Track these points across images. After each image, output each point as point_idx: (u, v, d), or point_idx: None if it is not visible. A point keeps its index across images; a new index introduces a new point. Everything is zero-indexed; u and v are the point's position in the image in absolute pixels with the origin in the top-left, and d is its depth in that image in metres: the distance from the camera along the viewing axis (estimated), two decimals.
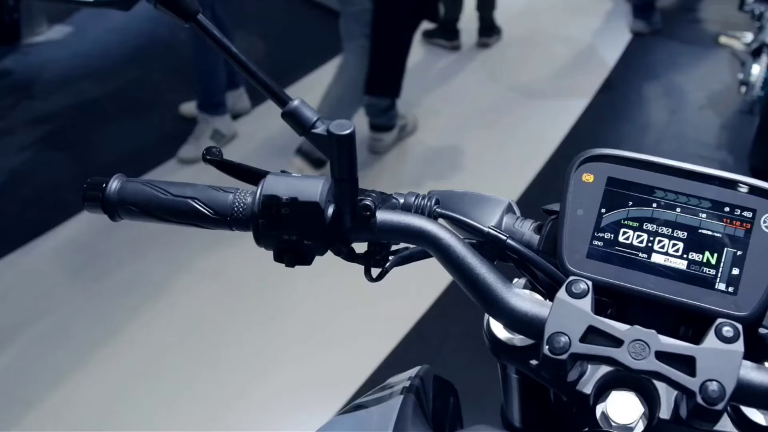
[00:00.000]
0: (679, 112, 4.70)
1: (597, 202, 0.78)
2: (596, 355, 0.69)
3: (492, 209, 0.90)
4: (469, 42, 5.40)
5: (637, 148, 3.22)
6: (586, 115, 4.59)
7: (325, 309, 3.00)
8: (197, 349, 2.81)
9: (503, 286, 0.74)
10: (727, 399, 0.65)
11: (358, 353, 2.79)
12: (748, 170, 4.02)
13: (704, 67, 5.28)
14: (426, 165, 3.99)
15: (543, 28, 5.78)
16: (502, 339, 0.85)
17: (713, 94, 4.87)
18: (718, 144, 4.36)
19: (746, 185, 0.76)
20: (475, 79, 5.03)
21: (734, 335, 0.68)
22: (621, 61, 5.36)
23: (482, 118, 4.49)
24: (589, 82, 4.98)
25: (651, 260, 0.75)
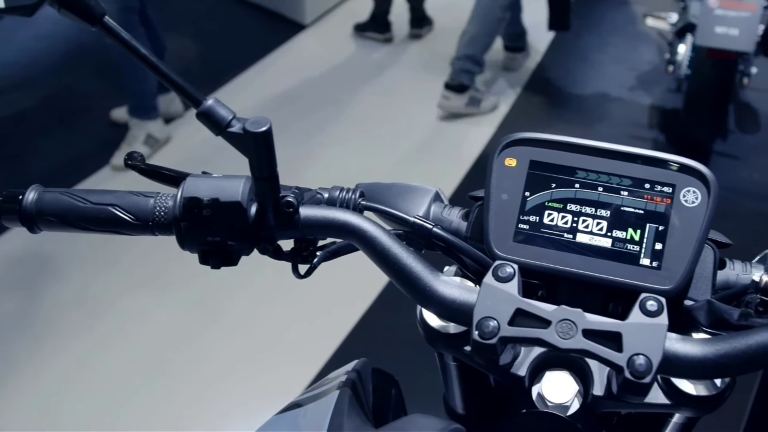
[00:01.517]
0: (610, 93, 4.77)
1: (521, 186, 0.78)
2: (525, 337, 0.69)
3: (419, 199, 0.91)
4: (401, 34, 5.40)
5: (570, 131, 3.28)
6: (520, 100, 4.64)
7: (264, 306, 2.99)
8: (145, 360, 2.77)
9: (431, 275, 0.74)
10: (654, 372, 0.66)
11: (302, 351, 2.78)
12: (679, 147, 4.11)
13: (632, 49, 5.36)
14: (365, 158, 3.98)
15: None
16: (435, 327, 0.85)
17: (642, 74, 4.96)
18: (649, 123, 4.44)
19: (665, 161, 0.77)
20: (409, 70, 5.04)
21: (658, 309, 0.69)
22: (552, 45, 5.41)
23: (417, 109, 4.50)
24: (522, 68, 5.02)
25: (576, 240, 0.76)
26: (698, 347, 0.67)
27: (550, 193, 0.78)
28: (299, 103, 4.51)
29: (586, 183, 0.77)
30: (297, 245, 0.82)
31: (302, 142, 4.08)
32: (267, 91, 4.61)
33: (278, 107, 4.45)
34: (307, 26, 5.50)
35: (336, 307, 2.99)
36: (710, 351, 0.67)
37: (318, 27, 5.55)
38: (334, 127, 4.28)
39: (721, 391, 0.79)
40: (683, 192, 0.75)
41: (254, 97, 4.50)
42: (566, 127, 4.37)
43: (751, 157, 4.15)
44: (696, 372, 0.68)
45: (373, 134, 4.25)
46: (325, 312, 2.98)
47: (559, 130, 4.23)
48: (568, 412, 0.80)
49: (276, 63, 4.99)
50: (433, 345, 0.87)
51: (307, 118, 4.35)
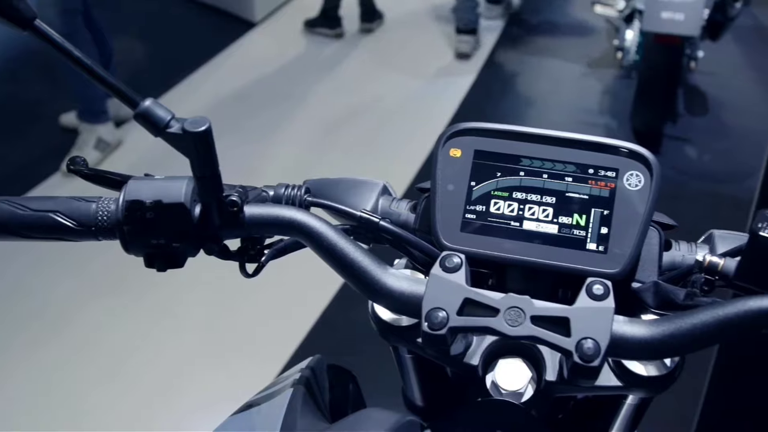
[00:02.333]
0: (562, 82, 4.82)
1: (466, 176, 0.78)
2: (474, 326, 0.69)
3: (367, 193, 0.90)
4: (352, 29, 5.39)
5: (523, 120, 3.31)
6: (473, 91, 4.66)
7: (224, 307, 2.96)
8: (105, 363, 2.73)
9: (378, 268, 0.74)
10: (603, 355, 0.66)
11: (263, 351, 2.77)
12: (631, 132, 4.16)
13: (582, 36, 5.41)
14: (320, 153, 3.97)
15: (424, 9, 5.81)
16: (387, 321, 0.85)
17: (592, 61, 5.01)
18: (600, 109, 4.49)
19: (608, 146, 0.78)
20: (361, 65, 5.03)
21: (604, 292, 0.69)
22: (503, 35, 5.45)
23: (371, 104, 4.50)
24: (473, 59, 5.05)
25: (523, 227, 0.77)
26: (645, 328, 0.68)
27: (496, 182, 0.78)
28: (252, 102, 4.48)
29: (531, 171, 0.78)
30: (244, 244, 0.81)
31: (257, 140, 4.05)
32: (219, 90, 4.57)
33: (231, 106, 4.42)
34: (257, 24, 5.46)
35: (295, 305, 2.98)
36: (657, 332, 0.67)
37: (268, 24, 5.52)
38: (288, 124, 4.26)
39: (671, 371, 0.79)
40: (626, 176, 0.76)
41: (206, 97, 4.46)
42: (519, 115, 4.41)
43: (700, 139, 4.21)
44: (644, 353, 0.69)
45: (327, 130, 4.23)
46: (285, 310, 2.96)
47: (513, 118, 4.28)
48: (522, 399, 0.81)
49: (227, 62, 4.95)
50: (387, 338, 0.87)
51: (261, 116, 4.32)
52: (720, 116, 4.44)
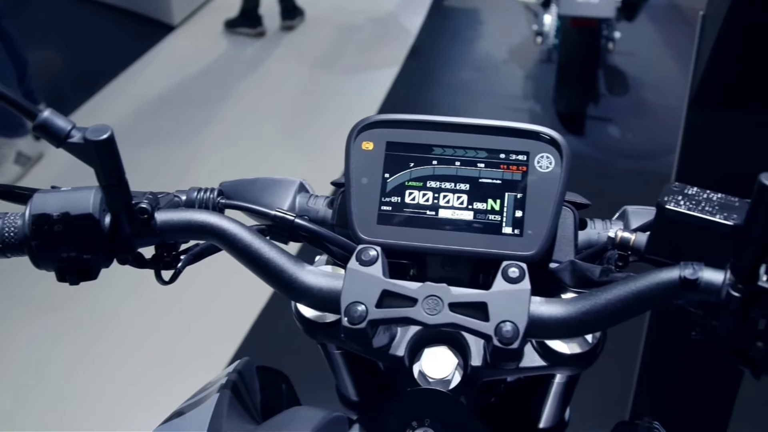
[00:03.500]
0: (485, 69, 4.86)
1: (380, 168, 0.78)
2: (393, 317, 0.69)
3: (284, 191, 0.90)
4: (273, 27, 5.35)
5: (449, 110, 3.31)
6: (398, 83, 4.67)
7: (157, 315, 2.92)
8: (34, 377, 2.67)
9: (295, 266, 0.73)
10: (521, 336, 0.67)
11: (201, 357, 2.73)
12: (555, 115, 4.22)
13: (502, 23, 5.47)
14: (248, 153, 3.93)
15: (344, 4, 5.80)
16: (311, 318, 0.84)
17: (514, 47, 5.07)
18: (524, 94, 4.55)
19: (517, 130, 0.78)
20: (285, 63, 5.00)
21: (520, 275, 0.70)
22: (424, 26, 5.47)
23: (296, 101, 4.48)
24: (397, 51, 5.06)
25: (439, 216, 0.77)
26: (562, 307, 0.69)
27: (409, 173, 0.78)
28: (176, 106, 4.41)
29: (443, 159, 0.78)
30: (158, 251, 0.80)
31: (183, 143, 4.00)
32: (141, 96, 4.49)
33: (155, 112, 4.34)
34: (177, 27, 5.39)
35: (230, 309, 2.95)
36: (573, 310, 0.68)
37: (188, 26, 5.44)
38: (214, 127, 4.21)
39: (593, 347, 0.81)
40: (537, 158, 0.77)
41: (128, 104, 4.37)
42: (444, 104, 4.43)
43: (623, 118, 4.30)
44: (563, 331, 0.70)
45: (253, 129, 4.20)
46: (219, 314, 2.93)
47: (438, 108, 4.30)
48: (450, 386, 0.81)
49: (147, 67, 4.87)
50: (313, 336, 0.87)
51: (186, 119, 4.26)
52: (639, 94, 4.53)
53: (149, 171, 3.68)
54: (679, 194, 0.69)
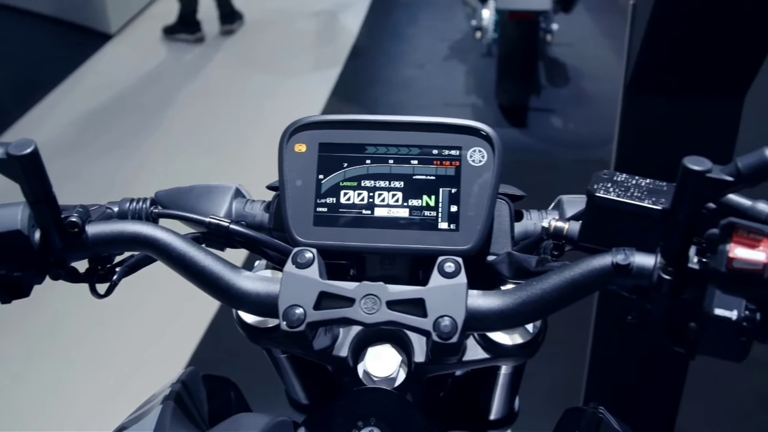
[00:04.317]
0: (426, 66, 4.88)
1: (313, 170, 0.78)
2: (331, 318, 0.69)
3: (220, 198, 0.89)
4: (212, 32, 5.31)
5: (393, 108, 3.31)
6: (340, 84, 4.67)
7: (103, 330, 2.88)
8: None
9: (231, 273, 0.73)
10: (460, 331, 0.67)
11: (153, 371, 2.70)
12: (497, 109, 4.26)
13: (442, 20, 5.50)
14: (190, 161, 3.89)
15: (284, 6, 5.78)
16: (253, 324, 0.84)
17: (454, 43, 5.09)
18: (466, 89, 4.58)
19: (448, 126, 0.78)
20: (226, 68, 4.97)
21: (455, 270, 0.70)
22: (365, 25, 5.47)
23: (239, 106, 4.45)
24: (338, 51, 5.06)
25: (375, 215, 0.77)
26: (499, 299, 0.69)
27: (343, 173, 0.78)
28: (116, 116, 4.35)
29: (376, 158, 0.78)
30: (92, 265, 0.79)
31: (126, 154, 3.95)
32: (80, 107, 4.42)
33: (95, 123, 4.28)
34: (114, 35, 5.31)
35: (180, 319, 2.92)
36: (510, 301, 0.69)
37: (125, 35, 5.37)
38: (156, 135, 4.17)
39: (535, 336, 0.82)
40: (470, 153, 0.77)
41: (68, 116, 4.30)
42: (387, 103, 4.44)
43: (565, 109, 4.35)
44: (502, 323, 0.70)
45: (197, 136, 4.16)
46: (170, 325, 2.90)
47: (381, 107, 4.30)
48: (395, 384, 0.81)
49: (86, 78, 4.79)
50: (257, 342, 0.86)
51: (127, 129, 4.21)
52: (579, 84, 4.59)
53: (92, 183, 3.63)
54: (609, 181, 0.70)
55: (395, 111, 3.99)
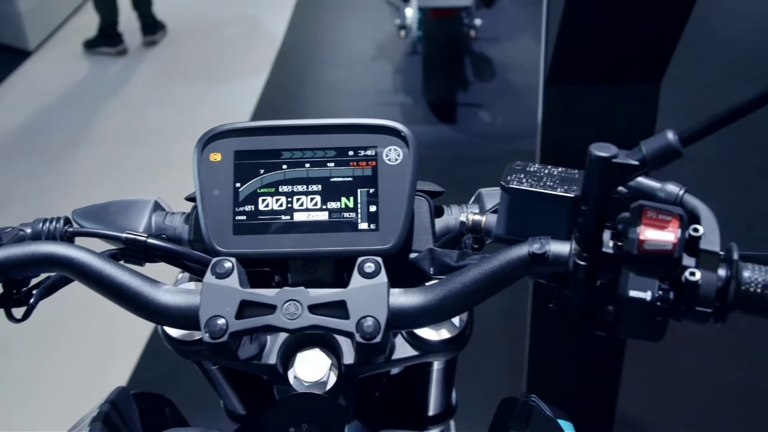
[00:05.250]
0: (353, 67, 4.88)
1: (230, 179, 0.78)
2: (254, 327, 0.69)
3: (138, 212, 0.88)
4: (134, 44, 5.22)
5: (322, 111, 3.30)
6: (268, 89, 4.64)
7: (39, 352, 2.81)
8: None
9: (150, 287, 0.72)
10: (383, 330, 0.67)
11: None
12: (426, 106, 4.28)
13: (366, 20, 5.50)
14: (117, 176, 3.83)
15: (206, 14, 5.73)
16: (179, 338, 0.83)
17: (380, 43, 5.10)
18: (394, 89, 4.59)
19: (362, 126, 0.79)
20: (151, 79, 4.89)
21: (376, 269, 0.70)
22: (290, 29, 5.45)
23: (165, 118, 4.38)
24: (264, 56, 5.02)
25: (294, 219, 0.77)
26: (421, 296, 0.69)
27: (260, 180, 0.77)
28: (40, 134, 4.26)
29: (292, 162, 0.78)
30: (7, 289, 0.77)
31: (52, 173, 3.86)
32: (1, 128, 4.30)
33: (17, 142, 4.18)
34: (33, 52, 5.19)
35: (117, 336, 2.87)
36: (432, 297, 0.69)
37: (45, 51, 5.25)
38: (83, 152, 4.08)
39: (462, 330, 0.82)
40: (385, 152, 0.77)
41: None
42: (316, 106, 4.43)
43: (492, 103, 4.40)
44: (425, 319, 0.71)
45: (122, 150, 4.09)
46: (108, 341, 2.85)
47: (310, 111, 4.29)
48: (326, 388, 0.81)
49: (5, 97, 4.68)
50: (185, 355, 0.85)
51: (52, 147, 4.12)
52: (506, 77, 4.65)
53: (15, 204, 3.55)
54: (522, 172, 0.71)
55: (324, 115, 3.99)
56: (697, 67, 4.28)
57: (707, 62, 4.46)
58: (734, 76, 4.21)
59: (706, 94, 3.95)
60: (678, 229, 0.62)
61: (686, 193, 0.68)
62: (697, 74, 4.18)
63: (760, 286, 0.62)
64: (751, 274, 0.62)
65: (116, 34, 5.12)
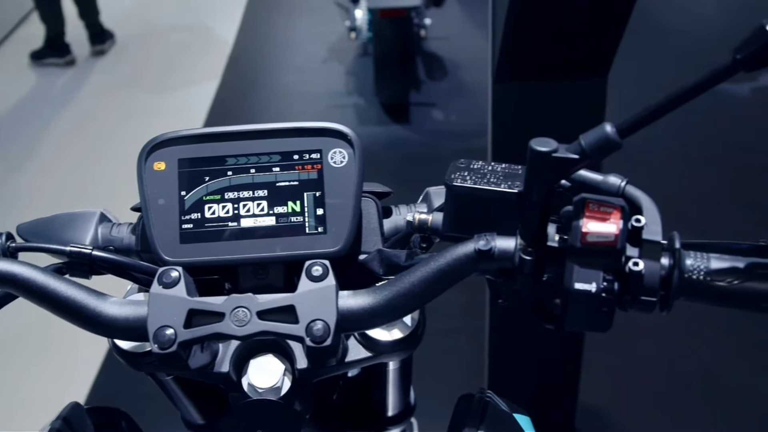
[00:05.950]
0: (306, 71, 4.87)
1: (175, 187, 0.77)
2: (203, 335, 0.68)
3: (84, 224, 0.87)
4: (82, 53, 5.15)
5: (275, 116, 3.28)
6: (220, 96, 4.61)
7: None
8: None
9: (96, 300, 0.71)
10: (333, 333, 0.67)
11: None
12: (379, 107, 4.29)
13: (316, 23, 5.50)
14: (69, 189, 3.77)
15: (155, 22, 5.68)
16: (130, 350, 0.82)
17: (331, 45, 5.10)
18: (347, 91, 4.59)
19: (306, 130, 0.78)
20: (100, 89, 4.83)
21: (323, 273, 0.70)
22: (240, 34, 5.42)
23: (115, 129, 4.33)
24: (215, 62, 4.99)
25: (241, 226, 0.76)
26: (369, 297, 0.70)
27: (206, 187, 0.77)
28: None
29: (237, 168, 0.77)
30: None
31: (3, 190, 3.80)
32: None
33: None
34: None
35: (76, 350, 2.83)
36: (380, 297, 0.69)
37: None
38: (31, 165, 4.02)
39: (414, 329, 0.82)
40: (330, 154, 0.77)
41: None
42: (269, 111, 4.41)
43: (445, 102, 4.42)
44: (375, 320, 0.71)
45: (73, 163, 4.03)
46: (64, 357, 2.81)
47: (263, 116, 4.27)
48: (281, 393, 0.81)
49: None
50: (138, 368, 0.84)
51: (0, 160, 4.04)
52: (458, 76, 4.67)
53: None
54: (465, 170, 0.72)
55: (277, 119, 3.97)
56: (646, 59, 4.34)
57: (655, 53, 4.54)
58: (682, 65, 4.28)
59: (655, 84, 4.01)
60: (620, 220, 0.63)
61: (628, 185, 0.69)
62: (645, 66, 4.24)
63: (703, 273, 0.63)
64: (693, 261, 0.63)
65: (64, 44, 5.05)
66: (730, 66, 0.56)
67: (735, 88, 4.21)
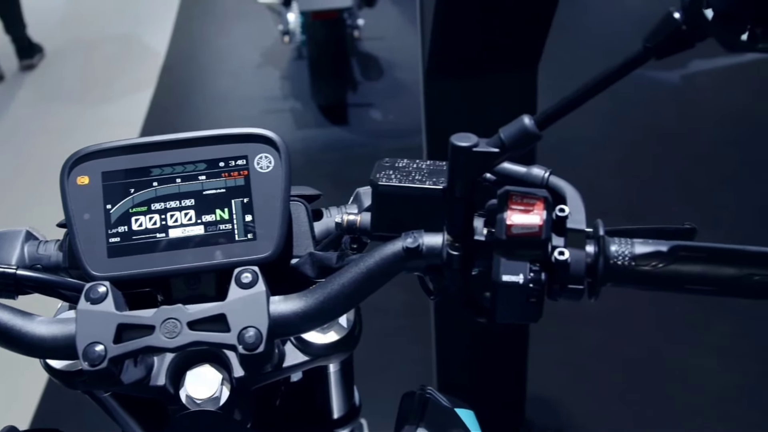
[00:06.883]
0: (241, 76, 4.84)
1: (100, 201, 0.76)
2: (133, 349, 0.67)
3: (9, 244, 0.85)
4: (11, 69, 5.04)
5: (211, 122, 3.23)
6: (155, 105, 4.55)
7: None
8: None
9: (22, 320, 0.69)
10: (266, 339, 0.67)
11: None
12: (317, 109, 4.28)
13: (249, 27, 5.46)
14: (16, 209, 3.69)
15: (84, 34, 5.57)
16: (63, 369, 0.80)
17: (265, 50, 5.07)
18: (283, 95, 4.57)
19: (231, 136, 0.78)
20: (30, 105, 4.73)
21: (253, 279, 0.70)
22: (172, 42, 5.36)
23: (47, 145, 4.24)
24: (148, 72, 4.93)
25: (170, 236, 0.75)
26: (301, 301, 0.69)
27: (131, 199, 0.76)
28: None
29: (163, 179, 0.76)
30: None
31: None
32: None
33: None
34: None
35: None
36: (312, 301, 0.69)
37: None
38: None
39: (351, 330, 0.82)
40: (256, 160, 0.77)
41: None
42: (206, 117, 4.37)
43: (382, 101, 4.43)
44: (308, 324, 0.70)
45: (4, 180, 3.94)
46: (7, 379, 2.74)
47: (200, 122, 4.23)
48: (220, 403, 0.80)
49: None
50: (73, 386, 0.83)
51: None
52: (393, 75, 4.68)
53: None
54: (390, 168, 0.72)
55: (214, 126, 3.93)
56: (575, 49, 4.41)
57: (583, 44, 4.61)
58: (611, 54, 4.32)
59: (585, 75, 4.06)
60: (543, 211, 0.64)
61: (552, 175, 0.70)
62: (574, 56, 4.30)
63: (627, 258, 0.64)
64: (617, 247, 0.65)
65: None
66: (641, 54, 0.57)
67: (665, 75, 4.29)
